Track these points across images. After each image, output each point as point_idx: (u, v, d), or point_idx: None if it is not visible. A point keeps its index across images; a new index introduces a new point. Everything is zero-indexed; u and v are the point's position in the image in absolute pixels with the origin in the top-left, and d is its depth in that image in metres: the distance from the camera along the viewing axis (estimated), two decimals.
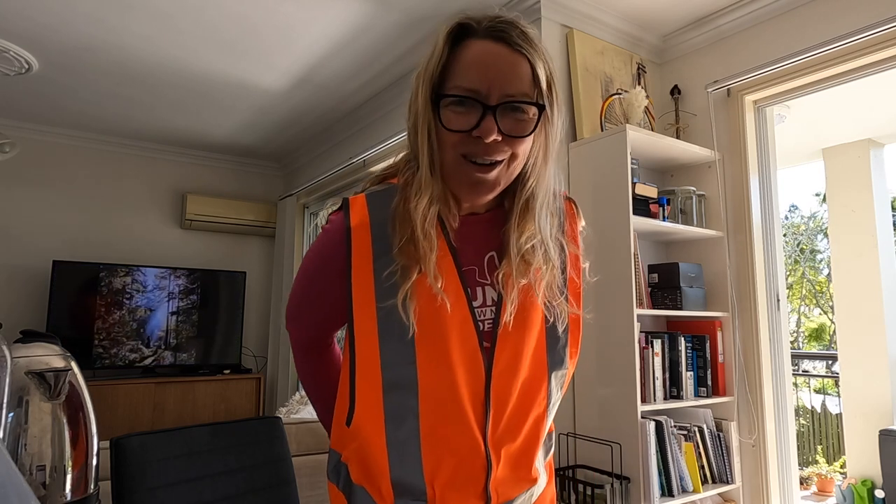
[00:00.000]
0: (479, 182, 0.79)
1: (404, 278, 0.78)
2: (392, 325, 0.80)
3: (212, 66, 3.17)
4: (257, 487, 1.45)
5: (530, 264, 0.83)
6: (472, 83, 0.77)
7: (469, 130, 0.77)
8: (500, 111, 0.76)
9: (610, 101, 2.54)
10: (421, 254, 0.78)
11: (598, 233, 2.27)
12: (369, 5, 2.57)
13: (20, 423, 0.99)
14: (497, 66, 0.77)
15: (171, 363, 4.24)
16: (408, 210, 0.80)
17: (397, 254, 0.79)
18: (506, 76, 0.76)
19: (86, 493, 1.07)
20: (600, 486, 2.04)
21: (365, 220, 0.82)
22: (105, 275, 4.11)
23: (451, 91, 0.78)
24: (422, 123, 0.80)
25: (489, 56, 0.77)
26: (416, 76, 0.82)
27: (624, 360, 2.13)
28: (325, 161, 4.26)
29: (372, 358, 0.81)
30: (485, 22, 0.79)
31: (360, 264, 0.81)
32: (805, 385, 4.91)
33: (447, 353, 0.80)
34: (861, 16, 2.14)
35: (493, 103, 0.76)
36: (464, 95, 0.77)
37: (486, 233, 0.87)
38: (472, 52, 0.78)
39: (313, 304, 0.94)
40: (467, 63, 0.78)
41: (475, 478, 0.84)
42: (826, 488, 3.97)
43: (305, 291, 0.94)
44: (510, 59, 0.77)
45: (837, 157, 3.92)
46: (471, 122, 0.76)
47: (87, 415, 1.10)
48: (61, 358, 1.08)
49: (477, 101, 0.76)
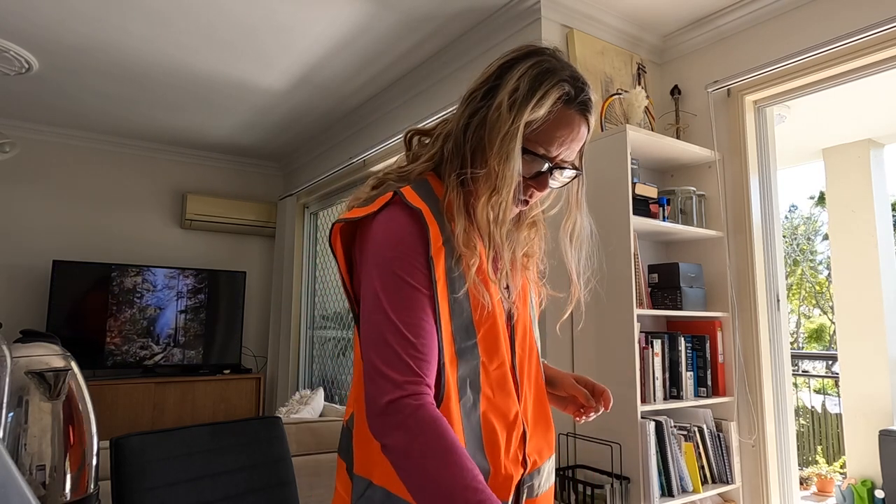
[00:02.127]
0: (514, 208, 0.93)
1: (469, 270, 0.88)
2: (457, 307, 0.88)
3: (212, 67, 3.17)
4: (257, 487, 1.45)
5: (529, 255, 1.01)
6: (554, 148, 0.90)
7: (531, 178, 0.92)
8: (555, 170, 0.93)
9: (610, 102, 2.54)
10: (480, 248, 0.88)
11: (598, 233, 2.27)
12: (369, 5, 2.57)
13: (20, 423, 0.99)
14: (574, 140, 0.92)
15: (173, 363, 4.24)
16: (462, 206, 0.89)
17: (460, 244, 0.87)
18: (573, 148, 0.93)
19: (86, 493, 1.07)
20: (600, 486, 2.05)
21: (425, 207, 0.88)
22: (105, 275, 4.11)
23: (537, 149, 0.90)
24: (513, 161, 0.86)
25: (574, 131, 0.91)
26: (510, 104, 0.87)
27: (624, 360, 2.13)
28: (325, 161, 4.26)
29: (447, 336, 0.86)
30: (581, 96, 0.90)
31: (436, 246, 0.86)
32: (805, 385, 4.91)
33: (496, 331, 0.91)
34: (861, 16, 2.14)
35: (555, 163, 0.92)
36: (543, 156, 0.90)
37: None
38: (568, 124, 0.90)
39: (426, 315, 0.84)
40: (560, 134, 0.90)
41: (518, 445, 0.93)
42: (826, 488, 3.97)
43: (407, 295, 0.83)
44: (583, 135, 0.93)
45: (837, 157, 3.92)
46: (531, 172, 0.92)
47: (87, 415, 1.09)
48: (61, 358, 1.08)
49: (547, 160, 0.91)
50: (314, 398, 3.21)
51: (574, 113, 0.90)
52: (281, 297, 4.66)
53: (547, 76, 0.88)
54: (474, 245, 0.87)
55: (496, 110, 0.88)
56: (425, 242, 0.85)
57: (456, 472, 0.73)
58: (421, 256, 0.84)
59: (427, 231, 0.85)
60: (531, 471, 0.95)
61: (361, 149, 3.70)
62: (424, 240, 0.85)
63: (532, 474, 0.95)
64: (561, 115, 0.89)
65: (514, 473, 0.91)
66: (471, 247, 0.87)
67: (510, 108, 0.87)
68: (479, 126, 0.89)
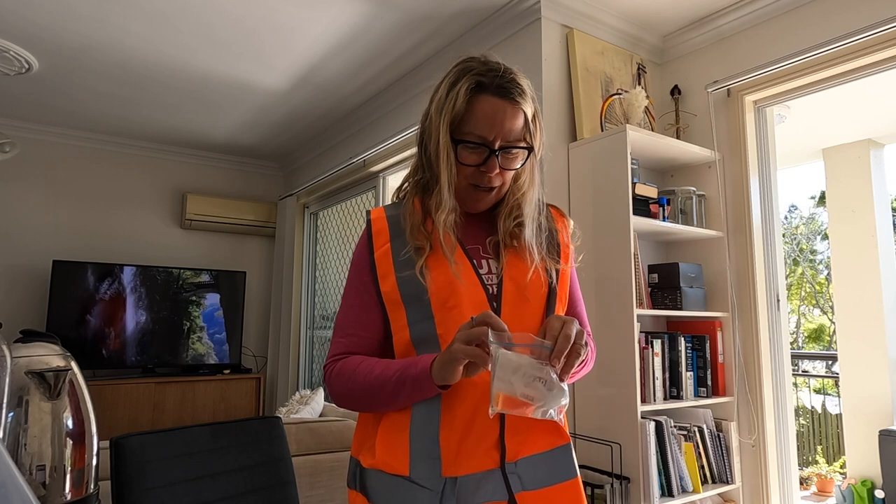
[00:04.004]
0: (481, 199, 1.07)
1: (418, 255, 1.00)
2: (411, 290, 0.99)
3: (212, 67, 3.17)
4: (257, 487, 1.45)
5: (518, 235, 1.05)
6: (483, 133, 1.00)
7: (478, 165, 1.02)
8: (501, 153, 1.02)
9: (610, 102, 2.54)
10: (432, 239, 1.01)
11: (598, 233, 2.27)
12: (369, 5, 2.57)
13: (20, 423, 0.99)
14: (502, 120, 1.00)
15: (173, 363, 4.24)
16: (418, 205, 1.05)
17: (409, 237, 1.02)
18: (507, 128, 1.01)
19: (86, 493, 1.07)
20: (600, 486, 2.05)
21: (382, 216, 1.07)
22: (105, 275, 4.11)
23: (468, 137, 1.01)
24: (443, 155, 1.01)
25: (497, 113, 1.00)
26: (436, 109, 1.04)
27: (624, 360, 2.13)
28: (325, 161, 4.26)
29: (400, 319, 1.00)
30: (496, 80, 1.00)
31: (380, 243, 1.04)
32: (805, 385, 4.91)
33: (460, 311, 0.97)
34: (861, 16, 2.14)
35: (496, 148, 1.01)
36: (477, 142, 1.01)
37: (483, 225, 1.10)
38: (485, 108, 1.00)
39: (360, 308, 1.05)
40: (481, 116, 1.00)
41: (490, 427, 0.95)
42: (826, 488, 3.97)
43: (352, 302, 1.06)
44: (511, 112, 1.01)
45: (837, 157, 3.92)
46: (478, 160, 1.02)
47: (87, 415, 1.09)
48: (61, 358, 1.08)
49: (485, 146, 1.01)
50: (314, 398, 3.21)
51: (491, 97, 1.00)
52: (281, 297, 4.66)
53: (461, 75, 1.02)
54: (425, 236, 1.01)
55: (428, 119, 1.06)
56: (370, 245, 1.04)
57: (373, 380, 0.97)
58: (366, 258, 1.04)
59: (371, 236, 1.04)
60: (514, 459, 0.96)
61: (361, 149, 3.70)
62: (370, 245, 1.04)
63: (518, 464, 0.96)
64: (481, 102, 1.00)
65: (486, 459, 0.94)
66: (419, 237, 1.01)
67: (437, 113, 1.03)
68: (425, 137, 1.07)
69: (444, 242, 1.01)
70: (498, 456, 0.95)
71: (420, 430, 0.95)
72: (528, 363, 0.83)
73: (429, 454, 0.94)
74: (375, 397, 0.96)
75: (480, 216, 1.11)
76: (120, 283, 4.14)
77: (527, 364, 0.83)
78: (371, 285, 1.03)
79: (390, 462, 0.95)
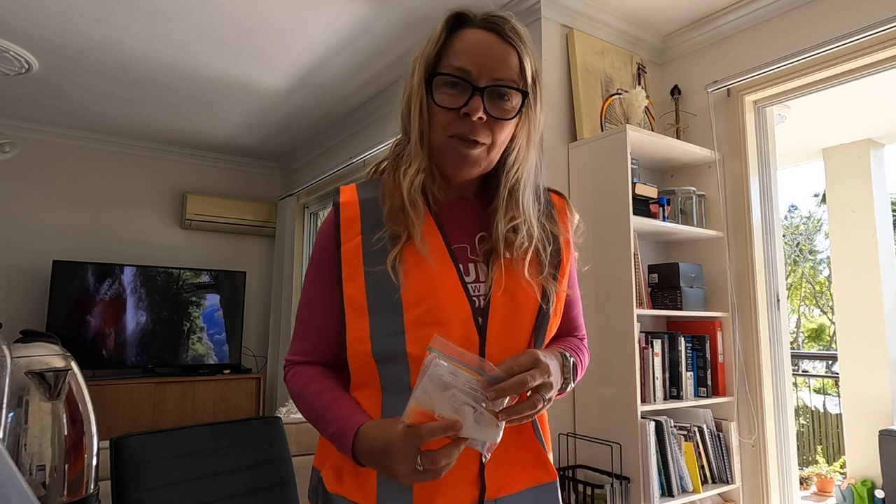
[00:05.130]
0: (464, 157, 0.85)
1: (393, 244, 0.83)
2: (380, 292, 0.82)
3: (212, 67, 3.17)
4: (257, 487, 1.45)
5: (513, 243, 0.87)
6: (465, 65, 0.83)
7: (458, 108, 0.82)
8: (488, 94, 0.83)
9: (610, 102, 2.54)
10: (409, 220, 0.83)
11: (598, 233, 2.27)
12: (369, 5, 2.57)
13: (20, 423, 0.99)
14: (488, 52, 0.83)
15: (173, 363, 4.24)
16: (397, 179, 0.86)
17: (386, 219, 0.84)
18: (496, 62, 0.83)
19: (86, 493, 1.07)
20: (600, 486, 2.05)
21: (354, 198, 0.89)
22: (105, 275, 4.11)
23: (444, 70, 0.84)
24: (415, 100, 0.86)
25: (482, 43, 0.84)
26: (413, 59, 0.89)
27: (624, 360, 2.13)
28: (325, 161, 4.26)
29: (361, 330, 0.83)
30: (481, 14, 0.86)
31: (350, 235, 0.86)
32: (805, 385, 4.90)
33: (439, 328, 0.80)
34: (861, 16, 2.14)
35: (482, 85, 0.82)
36: (456, 75, 0.83)
37: (473, 214, 0.92)
38: (467, 39, 0.85)
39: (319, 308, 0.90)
40: (462, 48, 0.84)
41: (468, 461, 0.82)
42: (826, 488, 3.97)
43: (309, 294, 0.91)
44: (501, 48, 0.84)
45: (837, 157, 3.92)
46: (460, 102, 0.83)
47: (87, 415, 1.10)
48: (61, 358, 1.08)
49: (468, 81, 0.83)
50: None
51: (478, 30, 0.85)
52: (281, 297, 4.66)
53: (445, 18, 0.88)
54: (405, 221, 0.83)
55: (408, 76, 0.90)
56: (337, 237, 0.86)
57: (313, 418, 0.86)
58: (331, 250, 0.87)
59: (339, 225, 0.87)
60: (494, 497, 0.84)
61: (361, 149, 3.70)
62: (337, 236, 0.87)
63: (498, 502, 0.85)
64: (464, 33, 0.85)
65: (464, 496, 0.83)
66: (398, 222, 0.84)
67: (413, 62, 0.89)
68: (403, 95, 0.91)
69: (410, 210, 0.83)
70: (477, 493, 0.83)
71: None
72: (464, 385, 0.71)
73: (398, 488, 0.81)
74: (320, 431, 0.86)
75: (471, 204, 0.92)
76: (120, 283, 4.14)
77: (461, 385, 0.71)
78: (335, 283, 0.86)
79: (356, 492, 0.84)
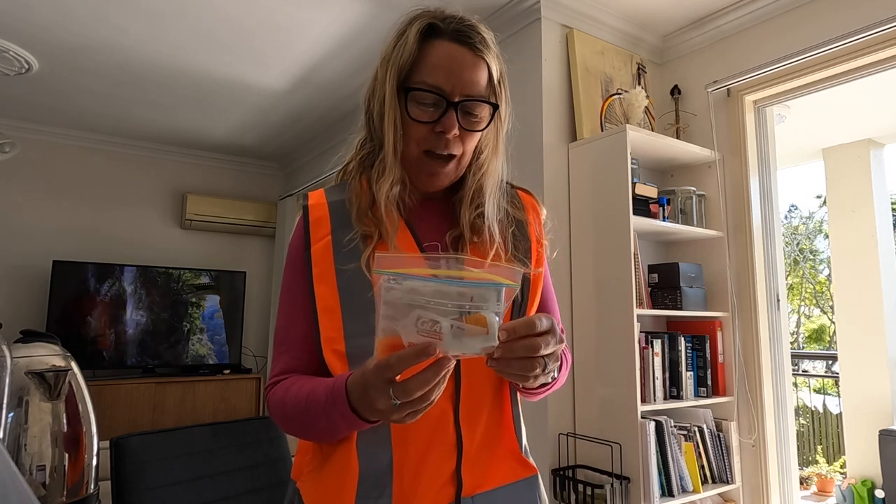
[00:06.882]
0: (437, 174, 0.87)
1: (365, 244, 0.84)
2: (353, 290, 0.82)
3: (211, 67, 3.17)
4: (257, 487, 1.45)
5: (480, 228, 0.88)
6: (438, 82, 0.84)
7: (432, 122, 0.84)
8: (460, 108, 0.85)
9: (610, 102, 2.54)
10: (381, 225, 0.84)
11: (598, 233, 2.27)
12: (369, 5, 2.57)
13: (20, 423, 0.99)
14: (461, 68, 0.84)
15: (173, 363, 4.24)
16: (364, 183, 0.88)
17: (356, 221, 0.85)
18: (468, 78, 0.84)
19: (86, 493, 1.07)
20: (600, 486, 2.04)
21: (322, 201, 0.89)
22: (105, 275, 4.11)
23: (419, 85, 0.84)
24: (388, 111, 0.85)
25: (454, 59, 0.85)
26: (382, 63, 0.88)
27: (624, 360, 2.13)
28: (325, 161, 4.26)
29: (335, 330, 0.83)
30: (452, 24, 0.86)
31: (320, 235, 0.86)
32: (805, 385, 4.90)
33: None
34: (861, 16, 2.14)
35: (455, 100, 0.84)
36: (431, 90, 0.83)
37: (442, 214, 0.93)
38: (440, 53, 0.85)
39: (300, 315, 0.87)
40: (435, 62, 0.84)
41: (444, 458, 0.82)
42: (826, 488, 3.96)
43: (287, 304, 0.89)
44: (472, 62, 0.85)
45: (837, 157, 3.92)
46: (434, 116, 0.84)
47: (87, 415, 1.10)
48: (61, 358, 1.08)
49: (441, 97, 0.83)
50: None
51: (447, 42, 0.85)
52: None
53: (412, 21, 0.87)
54: (374, 221, 0.84)
55: (374, 77, 0.90)
56: (307, 238, 0.87)
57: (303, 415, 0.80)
58: (301, 254, 0.87)
59: (308, 227, 0.87)
60: (471, 494, 0.83)
61: None
62: (306, 238, 0.87)
63: (476, 499, 0.83)
64: (436, 48, 0.85)
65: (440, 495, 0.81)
66: (368, 223, 0.84)
67: (383, 65, 0.88)
68: (370, 97, 0.91)
69: (385, 219, 0.83)
70: (453, 490, 0.82)
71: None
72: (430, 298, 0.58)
73: (378, 493, 0.81)
74: (312, 432, 0.82)
75: (440, 204, 0.93)
76: (120, 283, 4.14)
77: (426, 300, 0.58)
78: (307, 287, 0.85)
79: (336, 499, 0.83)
